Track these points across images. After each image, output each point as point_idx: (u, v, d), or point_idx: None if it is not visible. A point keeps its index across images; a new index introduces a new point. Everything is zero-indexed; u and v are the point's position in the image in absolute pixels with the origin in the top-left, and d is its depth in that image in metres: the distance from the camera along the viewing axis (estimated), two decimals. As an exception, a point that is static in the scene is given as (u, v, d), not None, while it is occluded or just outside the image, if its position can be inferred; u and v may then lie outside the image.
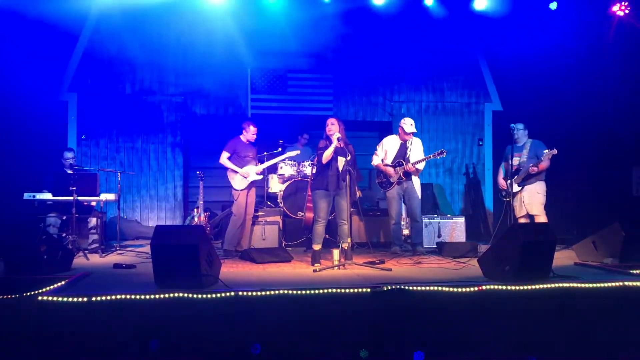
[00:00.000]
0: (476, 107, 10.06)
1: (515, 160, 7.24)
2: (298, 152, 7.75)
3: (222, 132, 7.42)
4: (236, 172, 7.11)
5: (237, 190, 7.11)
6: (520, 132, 7.31)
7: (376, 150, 7.37)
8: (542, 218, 7.07)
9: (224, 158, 7.18)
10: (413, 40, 9.50)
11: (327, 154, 6.02)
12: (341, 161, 6.07)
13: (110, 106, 9.24)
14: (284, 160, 7.93)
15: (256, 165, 7.27)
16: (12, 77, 7.82)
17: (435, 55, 9.75)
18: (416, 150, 7.13)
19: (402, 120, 7.15)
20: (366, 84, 9.89)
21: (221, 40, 9.10)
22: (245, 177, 7.10)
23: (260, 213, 7.86)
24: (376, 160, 7.29)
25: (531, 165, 7.06)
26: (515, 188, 7.16)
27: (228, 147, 7.22)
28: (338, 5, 8.64)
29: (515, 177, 7.16)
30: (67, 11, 7.91)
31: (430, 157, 6.91)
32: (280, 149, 8.27)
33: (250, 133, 7.24)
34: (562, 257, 6.41)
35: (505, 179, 7.32)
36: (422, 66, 9.85)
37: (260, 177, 7.33)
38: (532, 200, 7.15)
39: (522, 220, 7.18)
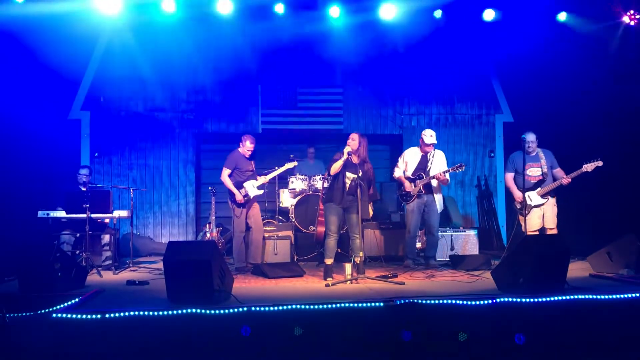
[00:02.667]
0: (487, 118, 10.04)
1: (535, 171, 7.02)
2: (295, 163, 7.73)
3: (234, 148, 7.46)
4: (233, 190, 7.03)
5: (238, 207, 7.08)
6: (534, 143, 7.04)
7: (398, 162, 7.31)
8: (554, 231, 6.93)
9: (225, 175, 7.08)
10: (422, 53, 9.51)
11: (336, 167, 6.02)
12: (349, 177, 6.04)
13: (123, 124, 9.34)
14: (285, 171, 7.87)
15: (256, 179, 7.22)
16: (26, 96, 7.93)
17: (445, 67, 9.76)
18: (438, 163, 7.03)
19: (423, 132, 7.06)
20: (376, 97, 9.92)
21: (231, 56, 9.21)
22: (240, 202, 7.04)
23: (271, 228, 7.87)
24: (397, 173, 7.20)
25: (566, 176, 6.80)
26: (538, 201, 6.95)
27: (228, 163, 7.12)
28: (347, 19, 8.69)
29: (539, 189, 6.96)
30: (80, 30, 8.02)
31: (449, 171, 6.86)
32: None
33: (245, 148, 7.15)
34: (577, 269, 6.34)
35: (521, 190, 6.96)
36: (431, 78, 9.85)
37: (261, 192, 7.21)
38: (552, 214, 6.97)
39: (532, 234, 7.03)
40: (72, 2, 7.65)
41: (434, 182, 6.96)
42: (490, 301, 4.39)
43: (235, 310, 4.16)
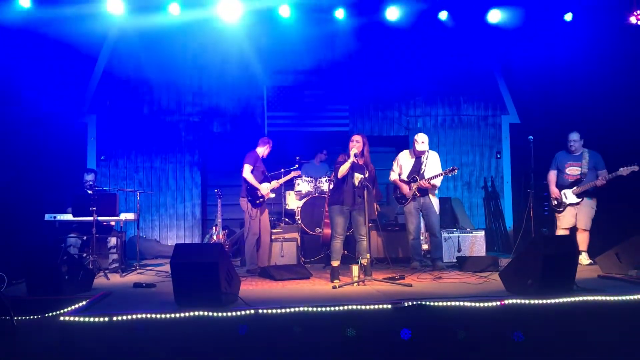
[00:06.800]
0: (493, 119, 10.02)
1: (574, 170, 7.07)
2: (298, 172, 7.86)
3: (240, 151, 7.46)
4: (257, 188, 7.06)
5: (253, 208, 7.08)
6: (577, 143, 7.09)
7: (392, 165, 7.33)
8: (587, 233, 6.95)
9: (248, 172, 7.01)
10: (428, 54, 9.52)
11: (343, 169, 6.01)
12: (357, 177, 6.04)
13: (129, 127, 9.38)
14: (294, 178, 7.96)
15: (269, 182, 7.25)
16: (33, 100, 7.96)
17: (451, 69, 9.75)
18: (432, 165, 7.00)
19: (415, 137, 7.06)
20: (382, 99, 9.91)
21: (237, 59, 9.24)
22: (264, 195, 7.10)
23: (278, 230, 7.86)
24: (393, 176, 7.23)
25: (600, 177, 6.87)
26: (573, 200, 7.00)
27: (250, 160, 7.06)
28: (352, 21, 8.70)
29: (575, 187, 7.00)
30: (85, 34, 8.07)
31: (442, 174, 6.83)
32: (297, 166, 8.30)
33: (264, 149, 7.24)
34: (585, 270, 6.31)
35: (559, 188, 7.13)
36: (437, 80, 9.85)
37: (273, 195, 7.30)
38: (586, 215, 6.98)
39: (562, 232, 7.02)
40: (78, 7, 7.69)
41: (435, 182, 6.94)
42: (498, 303, 4.37)
43: (243, 312, 4.15)
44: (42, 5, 7.63)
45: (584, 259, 6.85)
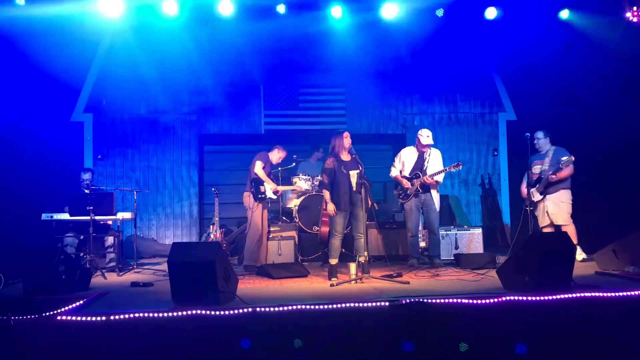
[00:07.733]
0: (490, 117, 10.02)
1: (537, 169, 7.16)
2: (301, 184, 7.93)
3: (237, 149, 7.45)
4: (267, 183, 7.15)
5: (256, 202, 7.10)
6: (541, 141, 7.19)
7: (394, 161, 7.30)
8: (569, 228, 6.89)
9: (259, 167, 7.10)
10: (425, 52, 9.49)
11: (327, 197, 6.07)
12: (354, 175, 6.04)
13: (125, 126, 9.36)
14: (289, 171, 8.05)
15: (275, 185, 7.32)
16: (29, 99, 7.94)
17: (448, 67, 9.72)
18: (434, 162, 7.01)
19: (419, 132, 7.06)
20: (378, 97, 9.90)
21: (233, 58, 9.22)
22: (273, 191, 7.20)
23: (275, 228, 7.86)
24: (394, 172, 7.20)
25: (550, 173, 6.91)
26: (537, 197, 7.08)
27: (262, 158, 7.19)
28: (349, 19, 8.67)
29: (537, 185, 7.07)
30: (82, 33, 8.03)
31: (446, 170, 6.84)
32: (294, 164, 8.29)
33: (275, 156, 7.36)
34: (583, 266, 6.33)
35: (527, 187, 7.21)
36: (434, 78, 9.83)
37: (275, 197, 7.37)
38: (557, 210, 6.99)
39: (545, 230, 7.06)
40: (74, 5, 7.66)
41: (438, 178, 6.94)
42: (496, 300, 4.37)
43: (240, 311, 4.15)
44: (37, 3, 7.58)
45: (577, 253, 6.86)
